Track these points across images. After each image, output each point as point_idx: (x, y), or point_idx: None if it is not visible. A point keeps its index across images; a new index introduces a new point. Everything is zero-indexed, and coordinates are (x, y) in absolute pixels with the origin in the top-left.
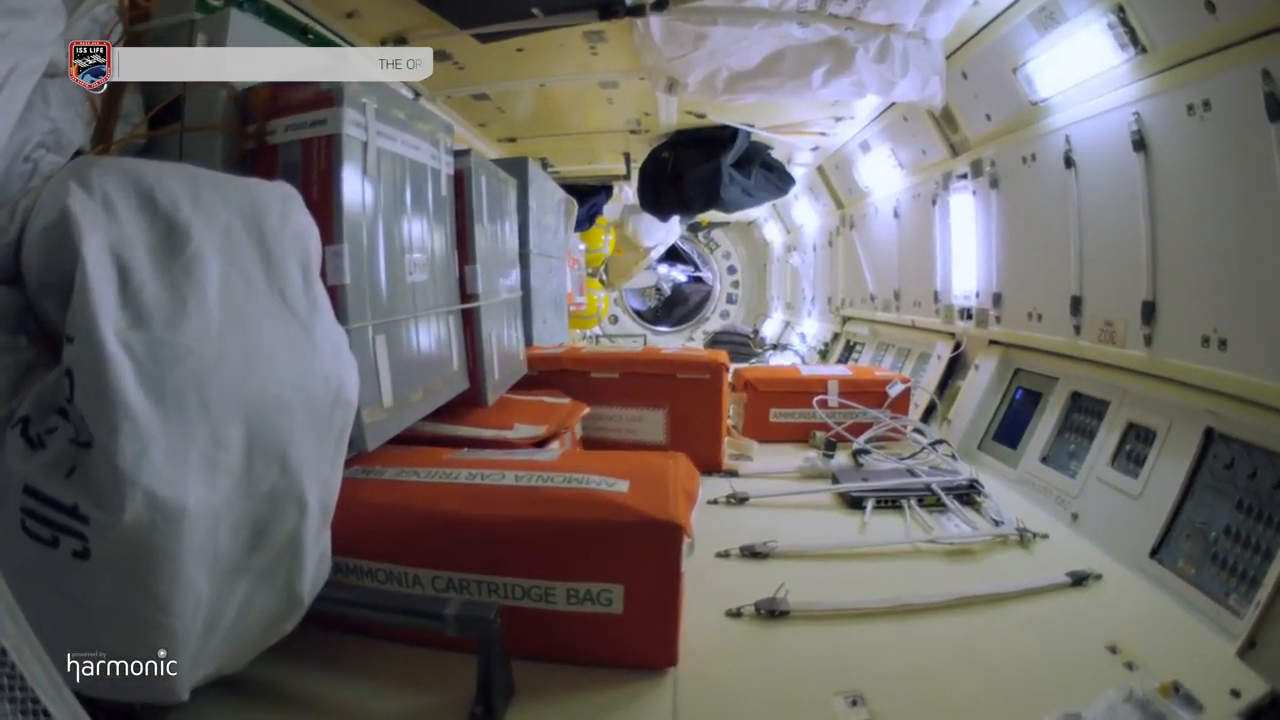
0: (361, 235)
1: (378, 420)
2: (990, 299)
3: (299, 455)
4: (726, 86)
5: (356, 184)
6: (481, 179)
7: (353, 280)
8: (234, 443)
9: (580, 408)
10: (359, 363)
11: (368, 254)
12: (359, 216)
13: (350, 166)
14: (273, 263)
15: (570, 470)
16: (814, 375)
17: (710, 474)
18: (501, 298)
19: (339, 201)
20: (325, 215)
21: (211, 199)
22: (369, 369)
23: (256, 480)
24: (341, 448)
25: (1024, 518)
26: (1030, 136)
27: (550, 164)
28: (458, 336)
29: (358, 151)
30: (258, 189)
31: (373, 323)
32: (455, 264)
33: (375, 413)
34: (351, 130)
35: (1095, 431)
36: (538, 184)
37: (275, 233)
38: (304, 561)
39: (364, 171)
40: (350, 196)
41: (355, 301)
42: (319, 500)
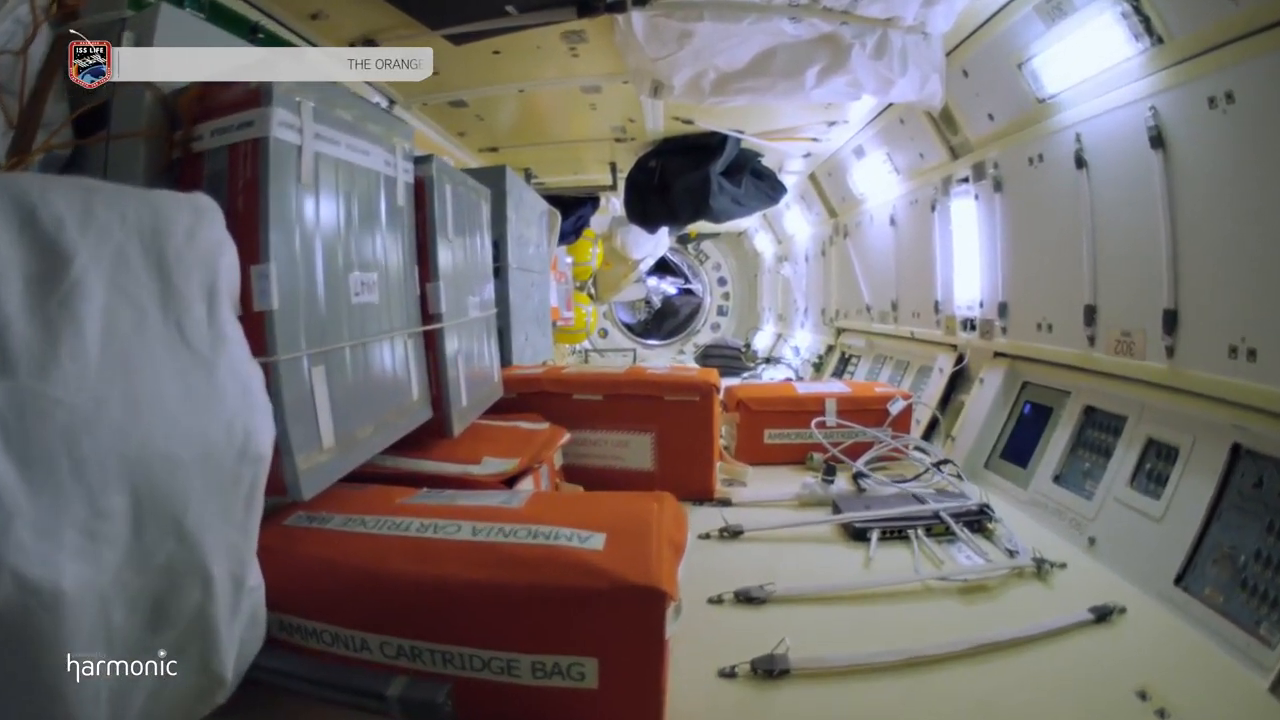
0: (293, 252)
1: (317, 464)
2: (995, 309)
3: (198, 521)
4: (714, 88)
5: (288, 194)
6: (446, 187)
7: (283, 304)
8: (117, 510)
9: (560, 434)
10: (292, 398)
11: (302, 273)
12: (290, 231)
13: (280, 174)
14: (172, 290)
15: (537, 521)
16: (810, 393)
17: (702, 503)
18: (471, 316)
19: (265, 214)
20: (251, 230)
21: (106, 217)
22: (304, 406)
23: (149, 552)
24: (254, 509)
25: (1039, 544)
26: (1037, 136)
27: (534, 175)
28: (418, 361)
29: (290, 157)
30: (164, 203)
31: (308, 352)
32: (415, 281)
33: (313, 456)
34: (281, 133)
35: (1112, 449)
36: (517, 194)
37: (178, 254)
38: (218, 639)
39: (298, 179)
40: (279, 208)
41: (286, 329)
42: (228, 572)
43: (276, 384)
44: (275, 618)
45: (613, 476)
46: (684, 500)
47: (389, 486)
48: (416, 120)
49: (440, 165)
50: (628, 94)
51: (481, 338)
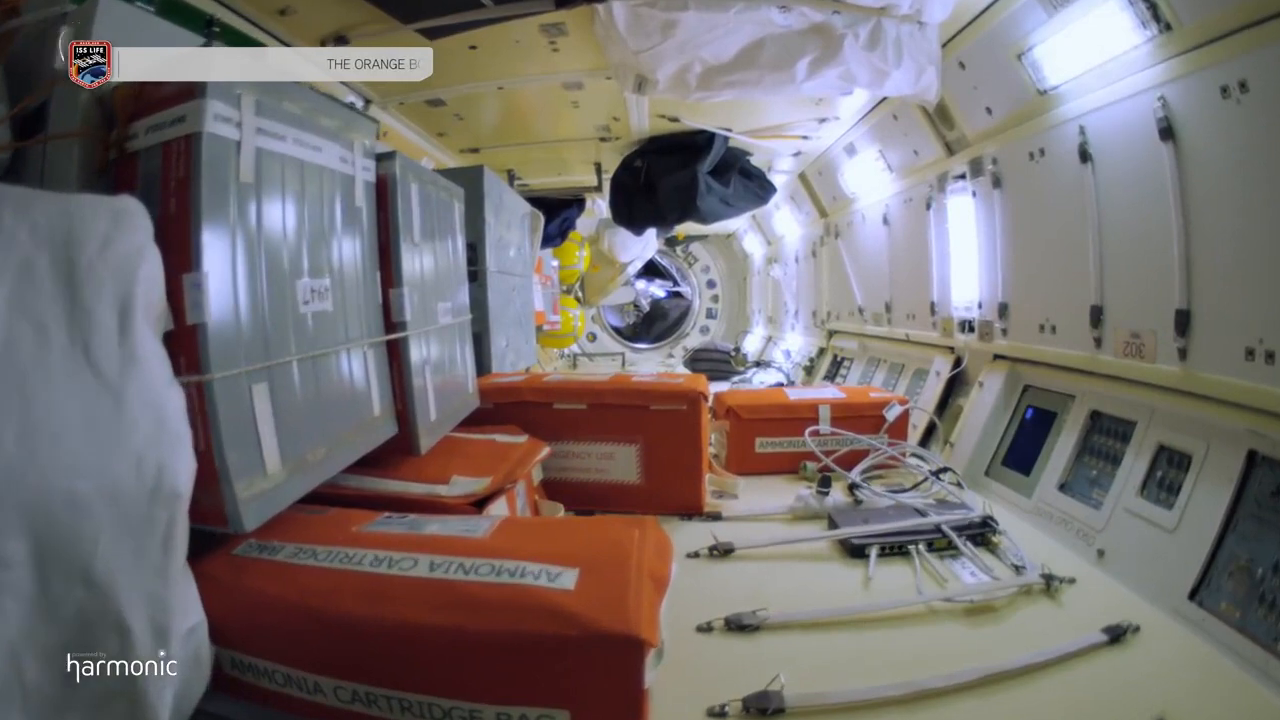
0: (231, 258)
1: (261, 492)
2: (995, 310)
3: (108, 567)
4: (700, 82)
5: (224, 194)
6: (412, 186)
7: (218, 316)
8: (17, 557)
9: (538, 448)
10: (229, 421)
11: (241, 281)
12: (227, 234)
13: (215, 172)
14: (79, 306)
15: (502, 554)
16: (803, 400)
17: (690, 517)
18: (441, 323)
19: (197, 216)
20: (183, 235)
21: (13, 226)
22: (244, 428)
23: (57, 602)
24: (174, 551)
25: (1045, 557)
26: (1038, 129)
27: (518, 176)
28: (380, 374)
29: (228, 154)
30: (81, 208)
31: (248, 369)
32: (377, 287)
33: (256, 483)
34: (217, 127)
35: (1120, 456)
36: (496, 196)
37: (90, 265)
38: (145, 693)
39: (236, 178)
40: (214, 209)
41: (221, 343)
42: (149, 621)
43: (211, 406)
44: (227, 654)
45: (597, 490)
46: (672, 514)
47: (348, 510)
48: (394, 120)
49: (405, 163)
50: (611, 90)
51: (454, 346)
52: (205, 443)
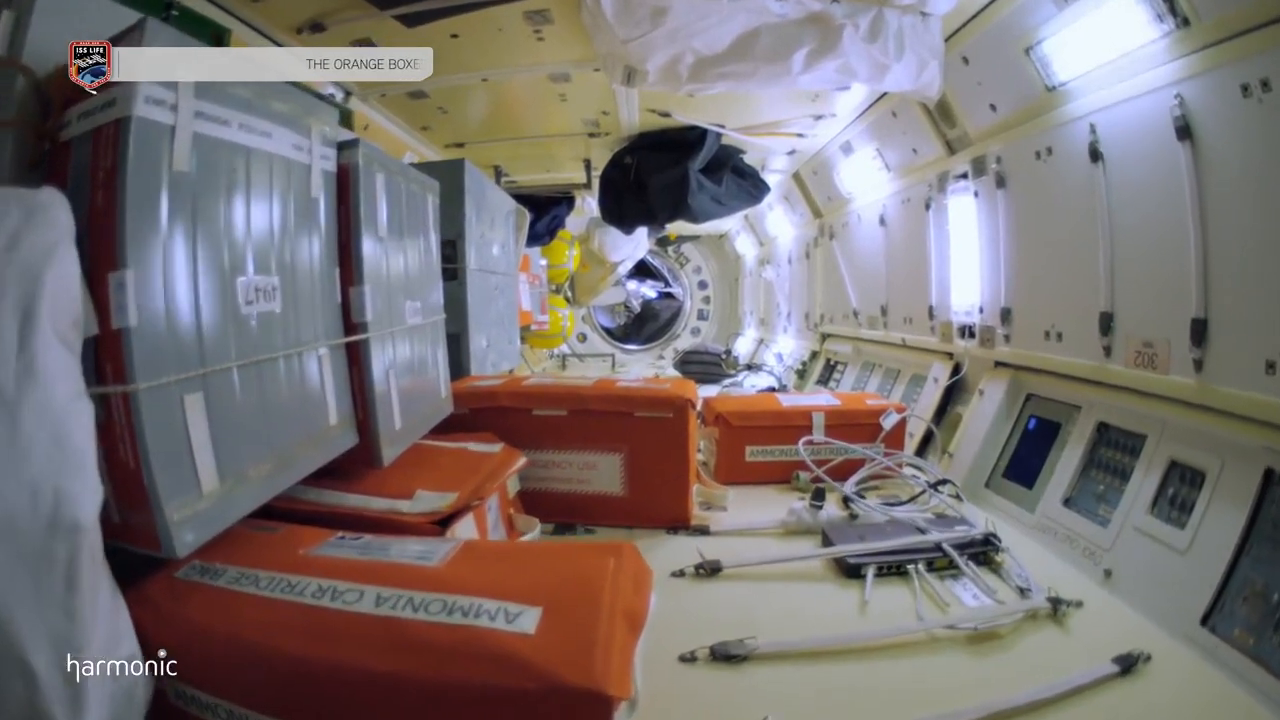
0: (160, 255)
1: (195, 513)
2: (997, 315)
3: (4, 604)
4: (692, 74)
5: (155, 184)
6: (378, 177)
7: (144, 320)
8: None
9: (514, 457)
10: (157, 436)
11: (172, 280)
12: (156, 228)
13: (145, 160)
14: None
15: (457, 588)
16: (796, 407)
17: (676, 531)
18: (410, 324)
19: (123, 209)
20: (109, 230)
21: None
22: (174, 444)
23: None
24: (79, 587)
25: (1050, 577)
26: (1045, 127)
27: (505, 172)
28: (337, 379)
29: (160, 140)
30: None
31: (179, 377)
32: (336, 286)
33: (189, 504)
34: (148, 110)
35: (1129, 471)
36: (478, 191)
37: None
38: None
39: (169, 166)
40: (142, 201)
41: (148, 350)
42: (53, 660)
43: (138, 419)
44: (171, 684)
45: (579, 502)
46: (657, 528)
47: (301, 528)
48: (375, 113)
49: (370, 151)
50: (599, 83)
51: (425, 348)
52: (133, 460)
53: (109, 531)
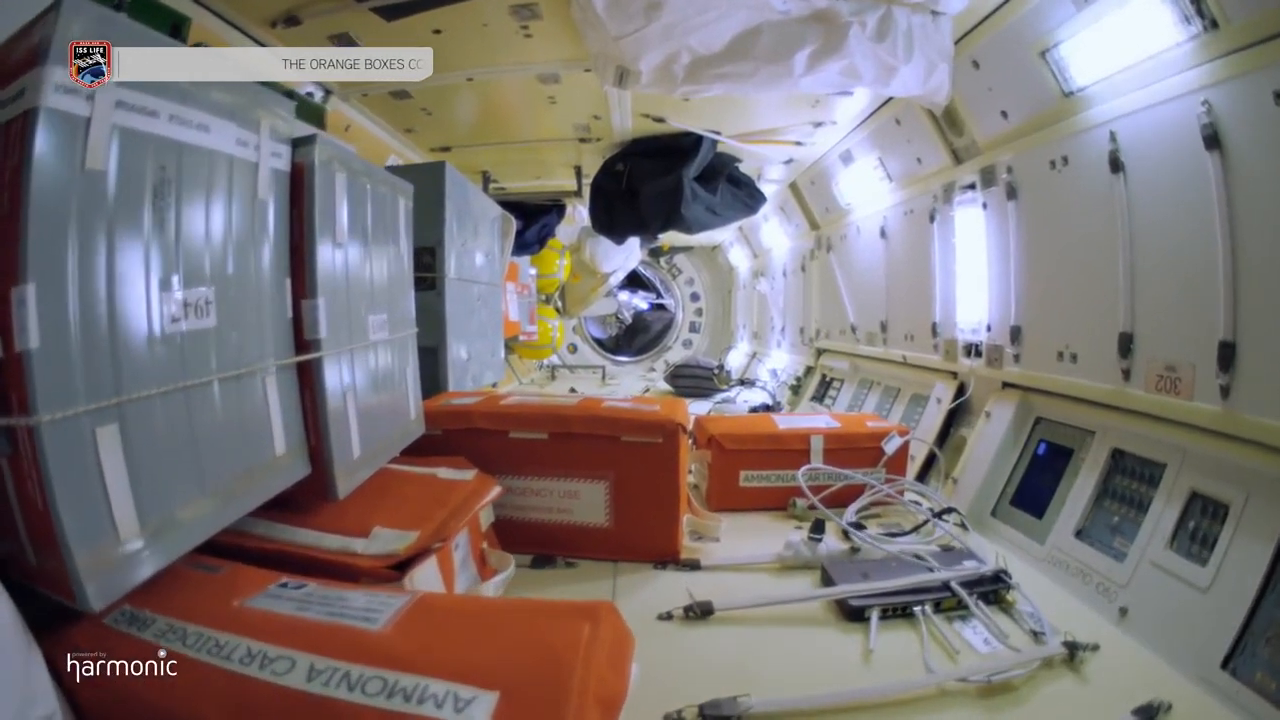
0: (67, 266)
1: (110, 561)
2: (1006, 333)
3: None
4: (688, 75)
5: (63, 184)
6: (338, 178)
7: (48, 341)
8: None
9: (487, 486)
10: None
11: (83, 295)
12: (63, 235)
13: (53, 157)
14: None
15: (402, 662)
16: (793, 430)
17: (665, 565)
18: (373, 339)
19: (26, 213)
20: (9, 238)
21: None
22: (85, 483)
23: None
24: None
25: (1063, 614)
26: (1061, 135)
27: (493, 178)
28: (285, 403)
29: (73, 134)
30: None
31: (91, 407)
32: (287, 298)
33: (105, 550)
34: (59, 100)
35: (1146, 501)
36: (460, 195)
37: None
38: None
39: (82, 164)
40: (48, 204)
41: (53, 377)
42: None
43: (42, 456)
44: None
45: (560, 533)
46: (644, 561)
47: (244, 569)
48: (357, 114)
49: (330, 148)
50: (590, 84)
51: (391, 365)
52: (41, 500)
53: (26, 574)
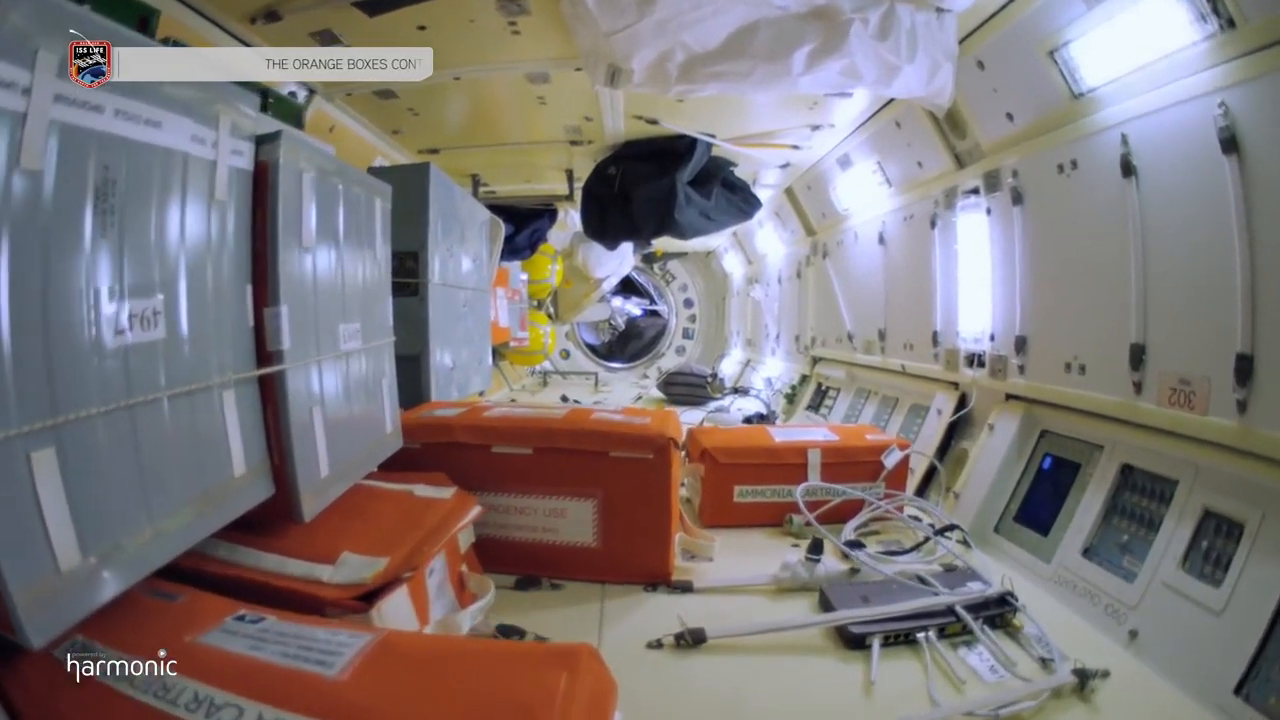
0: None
1: (51, 593)
2: (1011, 344)
3: None
4: (682, 73)
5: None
6: (305, 177)
7: None
8: None
9: (467, 506)
10: None
11: (15, 307)
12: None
13: None
14: None
15: (354, 718)
16: (789, 443)
17: (656, 588)
18: (345, 349)
19: None
20: None
21: None
22: (21, 511)
23: None
24: None
25: (1072, 640)
26: (1069, 138)
27: (483, 181)
28: (245, 420)
29: (9, 131)
30: None
31: (24, 430)
32: (247, 306)
33: (44, 583)
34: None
35: (1157, 519)
36: (445, 198)
37: None
38: None
39: (15, 163)
40: None
41: None
42: None
43: None
44: None
45: (545, 553)
46: (634, 583)
47: (203, 596)
48: (341, 114)
49: (297, 145)
50: (581, 85)
51: (365, 375)
52: None
53: None
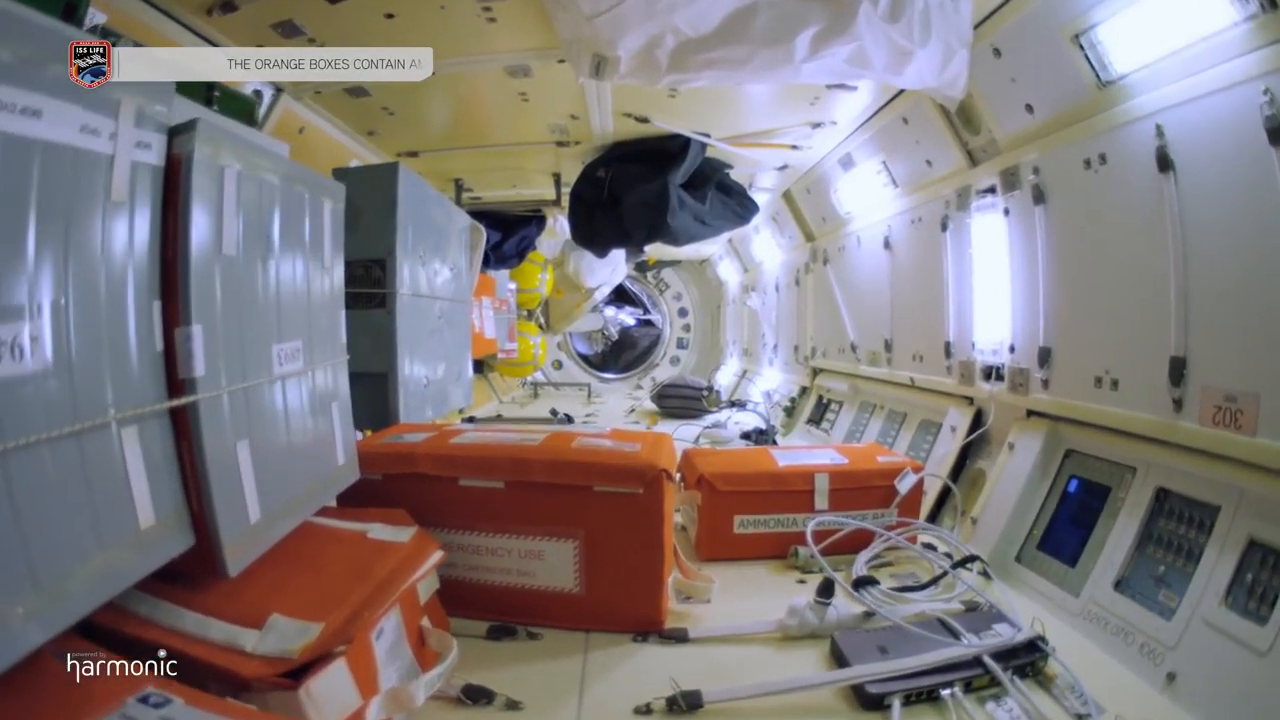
0: None
1: None
2: (1034, 355)
3: None
4: (673, 61)
5: None
6: (228, 173)
7: None
8: None
9: (427, 550)
10: None
11: None
12: None
13: None
14: None
15: None
16: (794, 467)
17: (646, 637)
18: (279, 372)
19: None
20: None
21: None
22: None
23: None
24: None
25: (1105, 685)
26: (1097, 130)
27: (467, 186)
28: (153, 462)
29: None
30: None
31: None
32: (155, 327)
33: None
34: None
35: (1196, 549)
36: (416, 200)
37: None
38: None
39: None
40: None
41: None
42: None
43: None
44: None
45: (521, 599)
46: (623, 632)
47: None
48: (311, 114)
49: (217, 136)
50: (565, 79)
51: (307, 401)
52: None
53: None
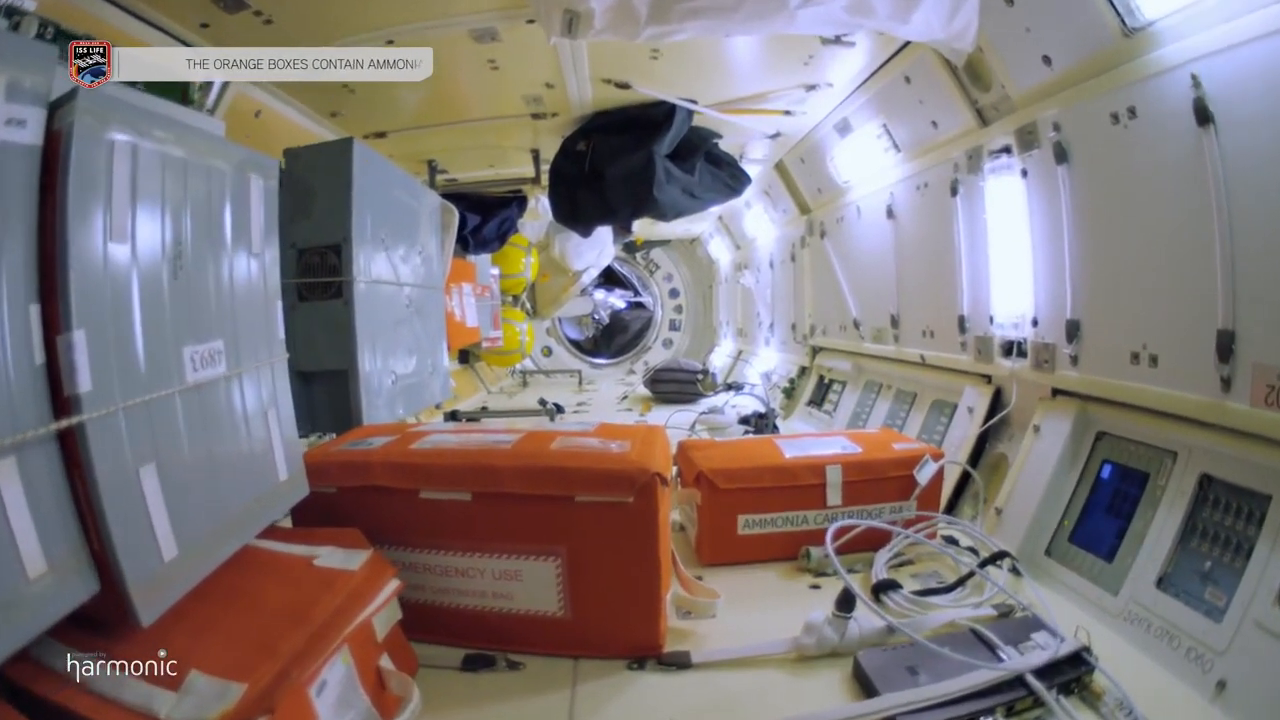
0: None
1: None
2: (1061, 329)
3: None
4: (654, 14)
5: None
6: (115, 148)
7: None
8: None
9: (381, 578)
10: None
11: None
12: None
13: None
14: None
15: None
16: (802, 459)
17: (642, 664)
18: (193, 380)
19: None
20: None
21: None
22: None
23: None
24: None
25: (1150, 696)
26: (1124, 82)
27: (441, 168)
28: (37, 497)
29: None
30: None
31: None
32: (33, 335)
33: None
34: None
35: (1248, 544)
36: (375, 178)
37: None
38: None
39: None
40: None
41: None
42: None
43: None
44: None
45: (498, 623)
46: (615, 659)
47: None
48: (267, 96)
49: (104, 107)
50: (536, 42)
51: (234, 410)
52: None
53: None
